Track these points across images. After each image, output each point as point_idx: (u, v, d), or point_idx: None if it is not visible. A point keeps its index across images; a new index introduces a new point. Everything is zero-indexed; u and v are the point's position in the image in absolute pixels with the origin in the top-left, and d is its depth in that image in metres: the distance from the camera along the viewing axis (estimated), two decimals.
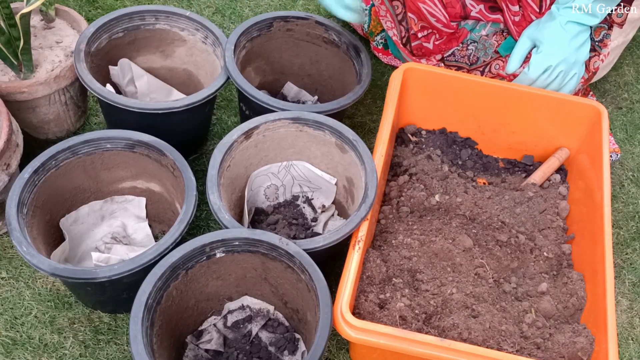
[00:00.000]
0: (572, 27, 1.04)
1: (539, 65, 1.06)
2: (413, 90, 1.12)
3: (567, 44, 1.05)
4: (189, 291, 0.88)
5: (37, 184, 0.91)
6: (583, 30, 1.05)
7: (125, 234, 1.03)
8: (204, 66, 1.16)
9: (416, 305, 0.90)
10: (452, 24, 1.21)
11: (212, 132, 1.22)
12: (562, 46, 1.05)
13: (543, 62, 1.06)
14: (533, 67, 1.07)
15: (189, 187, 0.91)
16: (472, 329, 0.86)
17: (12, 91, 1.01)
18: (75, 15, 1.14)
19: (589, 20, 1.03)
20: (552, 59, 1.05)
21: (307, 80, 1.24)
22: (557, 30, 1.04)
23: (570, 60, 1.06)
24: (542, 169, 1.12)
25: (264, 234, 0.85)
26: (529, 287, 0.96)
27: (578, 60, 1.07)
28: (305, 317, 0.88)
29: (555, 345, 0.88)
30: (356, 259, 0.86)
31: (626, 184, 1.24)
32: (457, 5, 1.17)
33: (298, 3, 1.46)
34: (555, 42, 1.04)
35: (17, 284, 0.99)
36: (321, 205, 1.06)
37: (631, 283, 1.10)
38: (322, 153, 1.03)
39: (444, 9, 1.17)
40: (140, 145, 0.96)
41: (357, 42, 1.13)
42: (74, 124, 1.15)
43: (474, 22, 1.23)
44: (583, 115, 1.10)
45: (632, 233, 1.17)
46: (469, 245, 0.98)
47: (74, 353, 0.93)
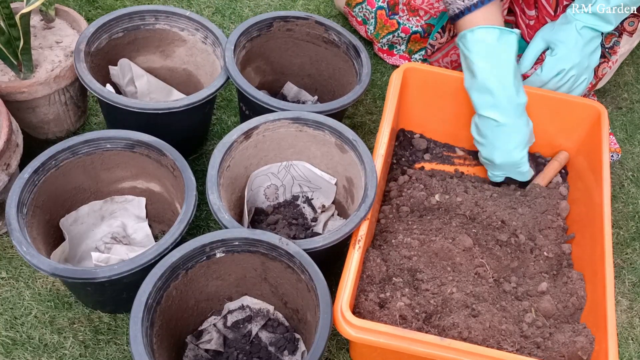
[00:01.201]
0: (587, 33, 1.05)
1: (553, 68, 1.07)
2: (413, 90, 1.12)
3: (581, 48, 1.05)
4: (189, 291, 0.88)
5: (37, 184, 0.91)
6: (596, 36, 1.06)
7: (125, 234, 1.03)
8: (204, 66, 1.16)
9: (416, 305, 0.90)
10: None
11: (212, 132, 1.22)
12: (577, 51, 1.05)
13: (557, 65, 1.07)
14: (547, 69, 1.07)
15: (189, 187, 0.91)
16: (472, 328, 0.86)
17: (12, 91, 1.01)
18: (75, 15, 1.14)
19: (603, 27, 1.04)
20: (566, 62, 1.06)
21: (307, 80, 1.24)
22: (572, 34, 1.05)
23: (583, 65, 1.07)
24: (545, 173, 1.11)
25: (264, 234, 0.85)
26: (529, 287, 0.96)
27: (590, 66, 1.08)
28: (305, 317, 0.88)
29: (555, 345, 0.88)
30: (356, 259, 0.86)
31: (626, 184, 1.24)
32: None
33: (298, 3, 1.46)
34: (570, 46, 1.05)
35: (17, 284, 0.99)
36: (321, 205, 1.06)
37: (631, 283, 1.10)
38: (322, 153, 1.03)
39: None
40: (140, 145, 0.96)
41: (357, 42, 1.13)
42: (74, 124, 1.15)
43: None
44: (583, 115, 1.10)
45: (632, 233, 1.17)
46: (469, 244, 0.98)
47: (74, 353, 0.93)
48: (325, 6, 1.46)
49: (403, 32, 1.31)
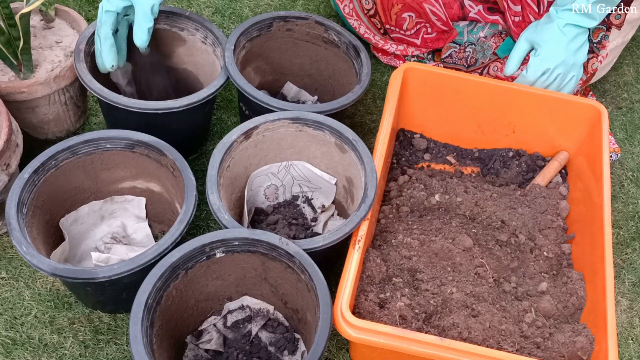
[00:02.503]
0: (570, 30, 1.04)
1: (537, 68, 1.06)
2: (413, 90, 1.12)
3: (565, 46, 1.04)
4: (189, 291, 0.88)
5: (37, 184, 0.91)
6: (581, 32, 1.05)
7: (125, 234, 1.03)
8: (203, 66, 1.16)
9: (416, 305, 0.90)
10: (450, 23, 1.21)
11: (212, 132, 1.22)
12: (560, 49, 1.05)
13: (541, 65, 1.06)
14: (531, 69, 1.07)
15: (189, 187, 0.91)
16: (472, 328, 0.86)
17: (12, 91, 1.01)
18: (75, 15, 1.13)
19: (587, 23, 1.03)
20: (550, 61, 1.05)
21: (307, 80, 1.24)
22: (555, 33, 1.04)
23: (568, 63, 1.06)
24: (545, 173, 1.11)
25: (264, 234, 0.85)
26: (528, 287, 0.96)
27: (576, 63, 1.07)
28: (305, 317, 0.88)
29: (555, 345, 0.88)
30: (356, 259, 0.86)
31: (626, 184, 1.24)
32: (454, 6, 1.17)
33: (298, 3, 1.46)
34: (554, 45, 1.04)
35: (16, 284, 0.99)
36: (321, 205, 1.06)
37: (631, 283, 1.10)
38: (322, 153, 1.03)
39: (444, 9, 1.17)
40: (140, 145, 0.96)
41: (357, 42, 1.14)
42: (74, 124, 1.15)
43: (469, 23, 1.24)
44: (583, 115, 1.10)
45: (632, 233, 1.17)
46: (468, 244, 0.98)
47: (74, 353, 0.93)
48: (325, 6, 1.46)
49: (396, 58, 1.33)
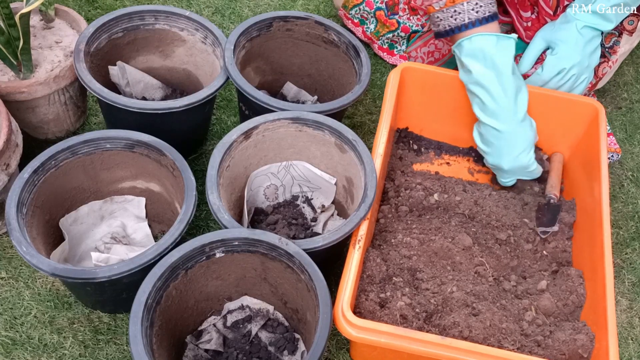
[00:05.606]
0: (587, 32, 1.05)
1: (554, 67, 1.07)
2: (411, 89, 1.12)
3: (582, 48, 1.05)
4: (189, 291, 0.88)
5: (37, 184, 0.91)
6: (596, 35, 1.06)
7: (125, 234, 1.03)
8: (203, 66, 1.16)
9: (417, 304, 0.90)
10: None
11: (211, 132, 1.22)
12: (578, 50, 1.05)
13: (558, 64, 1.07)
14: (547, 68, 1.07)
15: (189, 187, 0.91)
16: (472, 327, 0.86)
17: (12, 91, 1.01)
18: (74, 15, 1.14)
19: (604, 26, 1.04)
20: (567, 61, 1.06)
21: (307, 80, 1.24)
22: (573, 34, 1.05)
23: (583, 65, 1.07)
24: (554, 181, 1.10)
25: (264, 234, 0.85)
26: (528, 285, 0.96)
27: (590, 65, 1.08)
28: (305, 317, 0.88)
29: (556, 343, 0.88)
30: (356, 258, 0.86)
31: (626, 184, 1.24)
32: None
33: (298, 3, 1.46)
34: (572, 45, 1.05)
35: (16, 284, 0.99)
36: (321, 205, 1.06)
37: (631, 283, 1.10)
38: (322, 153, 1.03)
39: None
40: (139, 145, 0.96)
41: (357, 42, 1.13)
42: (74, 124, 1.15)
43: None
44: (581, 113, 1.10)
45: (632, 233, 1.17)
46: (468, 243, 0.98)
47: (74, 353, 0.93)
48: (325, 6, 1.46)
49: (403, 32, 1.31)
